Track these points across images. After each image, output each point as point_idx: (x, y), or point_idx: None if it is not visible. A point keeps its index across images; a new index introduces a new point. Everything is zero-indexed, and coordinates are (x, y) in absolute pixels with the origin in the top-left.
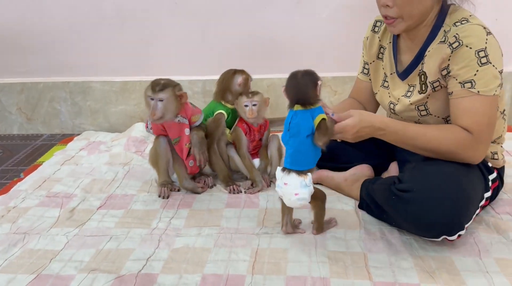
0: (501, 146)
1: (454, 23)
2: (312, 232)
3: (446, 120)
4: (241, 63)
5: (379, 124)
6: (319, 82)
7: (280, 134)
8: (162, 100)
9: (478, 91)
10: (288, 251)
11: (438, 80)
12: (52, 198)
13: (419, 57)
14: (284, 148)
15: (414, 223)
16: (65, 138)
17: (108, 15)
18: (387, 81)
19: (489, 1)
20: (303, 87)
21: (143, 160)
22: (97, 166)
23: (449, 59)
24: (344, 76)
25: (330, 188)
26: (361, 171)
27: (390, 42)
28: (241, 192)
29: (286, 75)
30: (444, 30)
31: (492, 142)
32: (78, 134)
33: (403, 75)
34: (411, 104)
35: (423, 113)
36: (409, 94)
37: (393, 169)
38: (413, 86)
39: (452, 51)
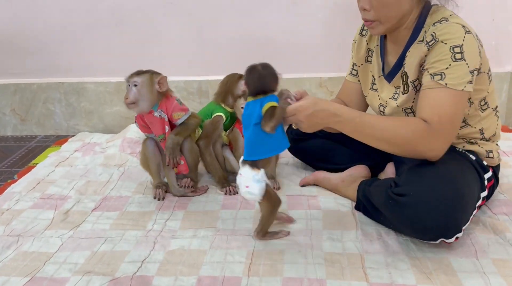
0: (496, 144)
1: (433, 23)
2: (253, 234)
3: None
4: (237, 63)
5: (335, 110)
6: (279, 76)
7: None
8: (136, 85)
9: (446, 84)
10: (284, 253)
11: (418, 79)
12: (46, 200)
13: (402, 59)
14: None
15: (411, 227)
16: (60, 140)
17: (102, 16)
18: (376, 84)
19: (486, 2)
20: (265, 79)
21: (138, 162)
22: (91, 168)
23: (425, 56)
24: (340, 76)
25: (327, 189)
26: (358, 172)
27: (377, 45)
28: (237, 193)
29: (283, 75)
30: (425, 31)
31: (486, 140)
32: (73, 135)
33: (389, 77)
34: (398, 106)
35: (411, 115)
36: (396, 96)
37: (389, 170)
38: (399, 88)
39: (428, 49)
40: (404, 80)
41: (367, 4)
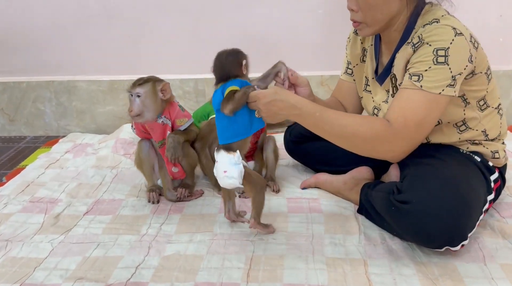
0: (503, 143)
1: (424, 25)
2: (249, 222)
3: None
4: None
5: (295, 102)
6: (244, 61)
7: (276, 136)
8: (139, 95)
9: (421, 86)
10: (284, 258)
11: None
12: (36, 203)
13: (392, 61)
14: (280, 150)
15: (415, 235)
16: (50, 140)
17: (94, 11)
18: (369, 85)
19: None
20: (227, 66)
21: (132, 163)
22: (83, 170)
23: (411, 58)
24: None
25: (329, 192)
26: (361, 174)
27: (371, 45)
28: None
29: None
30: (415, 32)
31: (491, 140)
32: (64, 136)
33: (380, 79)
34: None
35: None
36: (388, 99)
37: (393, 172)
38: (389, 91)
39: (414, 51)
40: (393, 82)
41: (354, 5)
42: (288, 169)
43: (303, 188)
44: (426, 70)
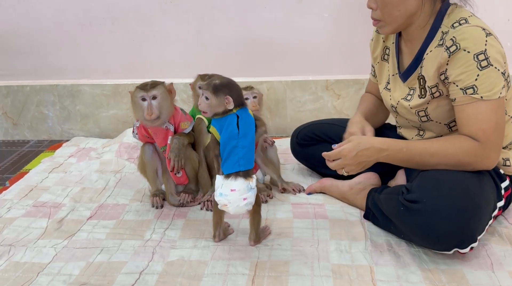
0: None
1: (452, 25)
2: (249, 243)
3: (449, 126)
4: (239, 64)
5: (380, 144)
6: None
7: (279, 140)
8: (155, 98)
9: (482, 97)
10: (290, 264)
11: (436, 85)
12: (40, 207)
13: (418, 60)
14: (286, 155)
15: (424, 236)
16: (53, 144)
17: (98, 14)
18: (389, 83)
19: (501, 1)
20: (239, 87)
21: (136, 168)
22: (87, 174)
23: (447, 64)
24: (348, 79)
25: (335, 197)
26: (367, 179)
27: (393, 43)
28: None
29: (287, 78)
30: (442, 31)
31: (503, 148)
32: (67, 140)
33: (404, 77)
34: (411, 108)
35: (424, 119)
36: (409, 97)
37: (400, 177)
38: (413, 90)
39: (449, 56)
40: (422, 84)
41: (373, 2)
42: (293, 174)
43: (308, 193)
44: (476, 79)
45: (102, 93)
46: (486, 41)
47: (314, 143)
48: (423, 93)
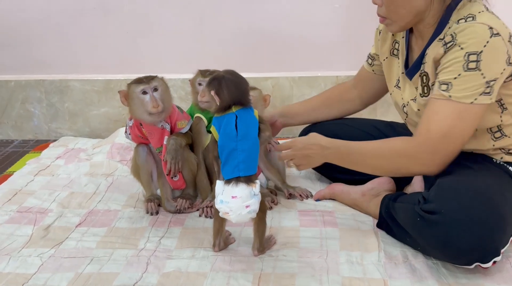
0: None
1: (458, 20)
2: (253, 253)
3: None
4: (242, 59)
5: (325, 143)
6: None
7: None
8: (157, 89)
9: (450, 96)
10: (296, 277)
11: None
12: (24, 213)
13: (422, 56)
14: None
15: (442, 249)
16: (39, 145)
17: (89, 5)
18: (399, 81)
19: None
20: (243, 86)
21: (129, 171)
22: (76, 177)
23: (441, 59)
24: None
25: (345, 204)
26: (381, 185)
27: (403, 37)
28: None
29: (294, 74)
30: (449, 27)
31: None
32: (55, 140)
33: (409, 74)
34: (418, 110)
35: None
36: (415, 97)
37: (417, 184)
38: (417, 89)
39: (445, 51)
40: (424, 81)
41: None
42: (300, 179)
43: (317, 200)
44: (455, 78)
45: (92, 90)
46: (488, 42)
47: None
48: (425, 91)
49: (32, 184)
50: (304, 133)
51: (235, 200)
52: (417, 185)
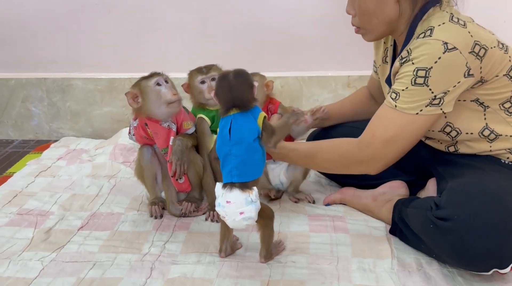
0: None
1: (419, 35)
2: (259, 260)
3: (445, 132)
4: (249, 58)
5: (285, 144)
6: (255, 83)
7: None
8: (167, 81)
9: (396, 106)
10: (306, 284)
11: None
12: (25, 216)
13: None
14: None
15: (457, 256)
16: (40, 145)
17: (93, 1)
18: None
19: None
20: (239, 89)
21: (132, 172)
22: (77, 179)
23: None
24: None
25: (357, 210)
26: (393, 189)
27: (391, 45)
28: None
29: (303, 73)
30: (414, 39)
31: None
32: (56, 141)
33: (388, 82)
34: None
35: None
36: None
37: (431, 188)
38: None
39: (400, 65)
40: None
41: (351, 9)
42: (310, 183)
43: (327, 204)
44: (403, 90)
45: (95, 89)
46: (440, 58)
47: None
48: None
49: (32, 186)
50: (312, 136)
51: (229, 205)
52: (431, 190)
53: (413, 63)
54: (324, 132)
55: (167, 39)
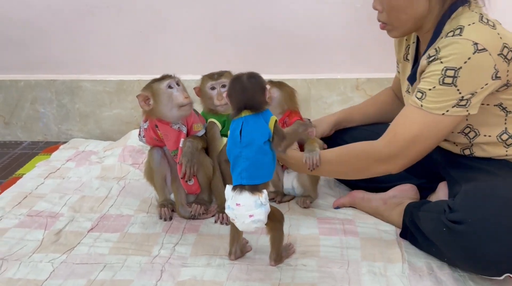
0: None
1: (447, 33)
2: (269, 263)
3: (464, 133)
4: (258, 60)
5: (294, 153)
6: (268, 86)
7: None
8: (179, 84)
9: (422, 105)
10: None
11: None
12: (35, 217)
13: (416, 65)
14: None
15: (470, 260)
16: (49, 147)
17: (102, 2)
18: (410, 86)
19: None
20: (251, 91)
21: (141, 174)
22: (87, 181)
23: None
24: (381, 77)
25: (367, 213)
26: (404, 193)
27: (414, 42)
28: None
29: (312, 75)
30: (441, 37)
31: None
32: (65, 142)
33: (410, 80)
34: None
35: None
36: None
37: (442, 191)
38: None
39: (428, 63)
40: None
41: (378, 4)
42: (319, 185)
43: (336, 207)
44: (430, 89)
45: (104, 90)
46: (469, 58)
47: None
48: None
49: (42, 187)
50: (326, 138)
51: (239, 208)
52: (442, 193)
53: (441, 62)
54: (335, 136)
55: (176, 41)
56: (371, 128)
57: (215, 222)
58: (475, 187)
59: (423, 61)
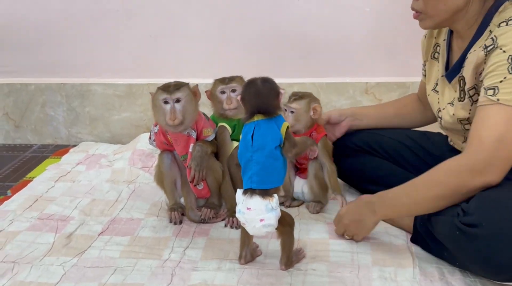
0: None
1: (499, 24)
2: (280, 267)
3: None
4: (267, 64)
5: (367, 197)
6: (282, 91)
7: None
8: (179, 101)
9: (498, 99)
10: None
11: (474, 87)
12: (46, 220)
13: (462, 59)
14: None
15: (483, 264)
16: (59, 150)
17: (112, 7)
18: (438, 84)
19: None
20: (265, 95)
21: (151, 178)
22: (97, 184)
23: (484, 63)
24: (390, 82)
25: None
26: None
27: (444, 40)
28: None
29: (321, 80)
30: (490, 30)
31: None
32: (75, 145)
33: (449, 77)
34: (453, 115)
35: (467, 126)
36: (454, 102)
37: None
38: (456, 92)
39: (486, 54)
40: (461, 85)
41: None
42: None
43: None
44: (501, 81)
45: (114, 94)
46: None
47: (353, 155)
48: (461, 95)
49: (52, 191)
50: (336, 142)
51: (249, 212)
52: None
53: (504, 51)
54: (344, 137)
55: (185, 45)
56: (382, 132)
57: (225, 226)
58: (490, 191)
59: (479, 53)
